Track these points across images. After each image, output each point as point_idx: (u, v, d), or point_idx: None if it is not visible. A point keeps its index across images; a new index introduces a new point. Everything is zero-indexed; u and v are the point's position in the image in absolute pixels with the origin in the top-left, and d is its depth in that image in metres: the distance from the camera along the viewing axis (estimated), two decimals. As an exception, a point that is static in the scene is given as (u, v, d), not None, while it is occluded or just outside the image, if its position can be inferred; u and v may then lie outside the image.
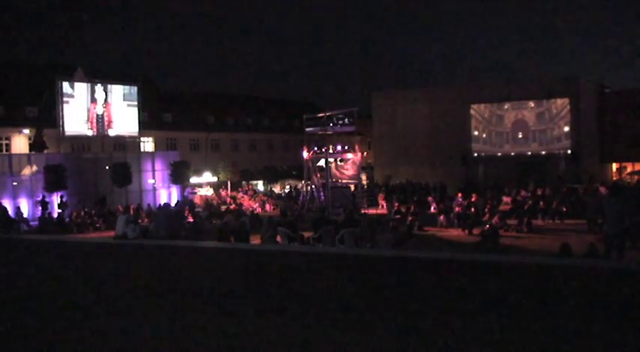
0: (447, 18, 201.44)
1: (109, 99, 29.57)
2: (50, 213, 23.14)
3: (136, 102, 30.44)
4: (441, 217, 20.80)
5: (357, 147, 29.77)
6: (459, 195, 22.62)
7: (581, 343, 4.14)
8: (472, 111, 37.88)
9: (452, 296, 5.70)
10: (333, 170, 27.98)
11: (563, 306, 5.12)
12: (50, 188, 24.25)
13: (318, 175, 28.12)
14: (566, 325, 4.53)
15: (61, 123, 27.62)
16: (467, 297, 5.54)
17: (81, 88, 28.33)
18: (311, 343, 4.27)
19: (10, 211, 21.38)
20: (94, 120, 29.02)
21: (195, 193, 32.16)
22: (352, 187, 28.19)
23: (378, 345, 4.19)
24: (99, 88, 29.15)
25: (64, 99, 27.52)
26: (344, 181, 28.44)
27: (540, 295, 5.59)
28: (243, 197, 33.00)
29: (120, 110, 29.93)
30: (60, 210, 23.63)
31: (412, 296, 5.75)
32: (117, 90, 29.93)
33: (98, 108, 29.14)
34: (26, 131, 33.54)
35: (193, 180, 34.63)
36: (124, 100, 30.02)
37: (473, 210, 20.59)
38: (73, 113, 27.94)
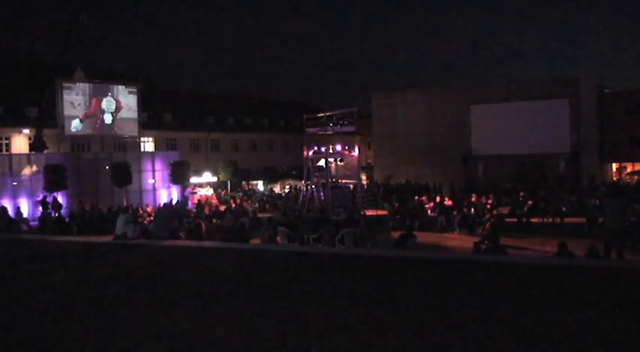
0: (446, 18, 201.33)
1: (117, 98, 30.24)
2: (50, 213, 23.12)
3: (135, 89, 31.06)
4: (442, 218, 20.79)
5: (357, 147, 29.72)
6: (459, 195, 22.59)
7: (583, 341, 4.14)
8: (472, 112, 37.85)
9: (452, 293, 5.70)
10: (333, 170, 27.94)
11: (564, 305, 5.13)
12: (50, 188, 24.22)
13: (318, 175, 28.06)
14: (567, 324, 4.53)
15: (60, 109, 27.86)
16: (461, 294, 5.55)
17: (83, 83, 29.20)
18: (309, 342, 4.26)
19: (10, 211, 21.37)
20: (98, 111, 29.46)
21: (196, 193, 32.13)
22: (352, 187, 28.16)
23: (373, 346, 4.20)
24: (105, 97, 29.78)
25: (65, 84, 28.18)
26: (344, 181, 28.40)
27: (540, 294, 5.60)
28: (243, 197, 32.99)
29: (121, 98, 30.60)
30: (52, 210, 23.54)
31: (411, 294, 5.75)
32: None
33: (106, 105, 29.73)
34: (26, 131, 33.54)
35: (193, 180, 34.61)
36: (125, 87, 30.83)
37: (473, 210, 20.59)
38: (74, 101, 28.45)
